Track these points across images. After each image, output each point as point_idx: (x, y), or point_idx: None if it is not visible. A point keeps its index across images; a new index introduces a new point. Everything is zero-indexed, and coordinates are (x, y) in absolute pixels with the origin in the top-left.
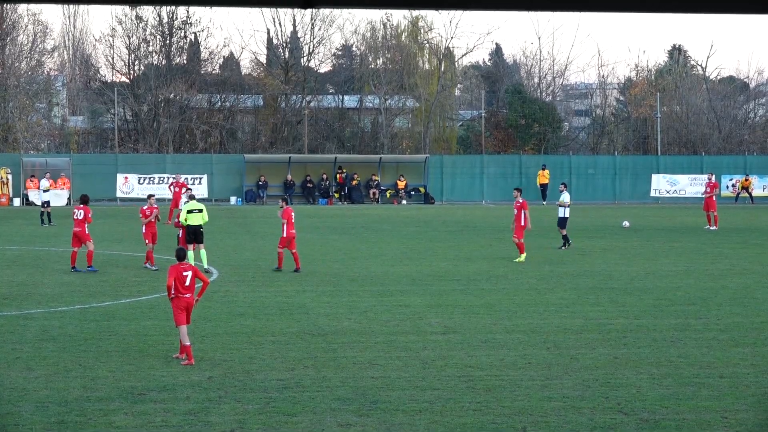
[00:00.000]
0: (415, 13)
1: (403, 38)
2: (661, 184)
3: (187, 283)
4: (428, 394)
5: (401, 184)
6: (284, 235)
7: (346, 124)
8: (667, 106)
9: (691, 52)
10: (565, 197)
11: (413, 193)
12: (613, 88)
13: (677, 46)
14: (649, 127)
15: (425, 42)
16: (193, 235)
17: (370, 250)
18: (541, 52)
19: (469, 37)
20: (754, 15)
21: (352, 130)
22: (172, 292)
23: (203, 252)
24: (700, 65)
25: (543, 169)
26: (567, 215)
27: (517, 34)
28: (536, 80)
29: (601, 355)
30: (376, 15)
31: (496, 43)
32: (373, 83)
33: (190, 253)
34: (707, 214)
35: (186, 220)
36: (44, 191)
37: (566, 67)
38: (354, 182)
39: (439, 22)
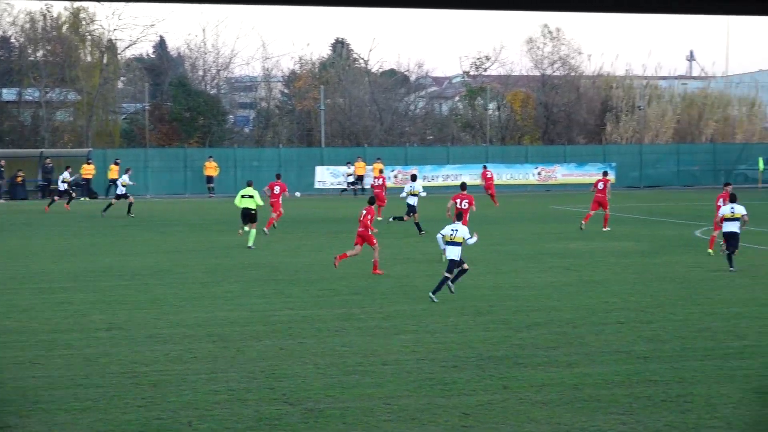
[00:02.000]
0: (76, 3)
1: (64, 30)
2: (325, 176)
3: None
4: (92, 392)
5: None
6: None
7: (5, 118)
8: (331, 99)
9: (353, 45)
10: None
11: (75, 187)
12: (278, 81)
13: (340, 39)
14: (313, 119)
15: (87, 34)
16: None
17: (30, 247)
18: (205, 44)
19: (133, 29)
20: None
21: (11, 124)
22: None
23: None
24: (363, 58)
25: (210, 161)
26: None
27: (181, 27)
28: (201, 73)
29: (266, 346)
30: (35, 6)
31: (161, 36)
32: (32, 76)
33: None
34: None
35: None
36: None
37: (231, 60)
38: (18, 179)
39: (101, 14)
